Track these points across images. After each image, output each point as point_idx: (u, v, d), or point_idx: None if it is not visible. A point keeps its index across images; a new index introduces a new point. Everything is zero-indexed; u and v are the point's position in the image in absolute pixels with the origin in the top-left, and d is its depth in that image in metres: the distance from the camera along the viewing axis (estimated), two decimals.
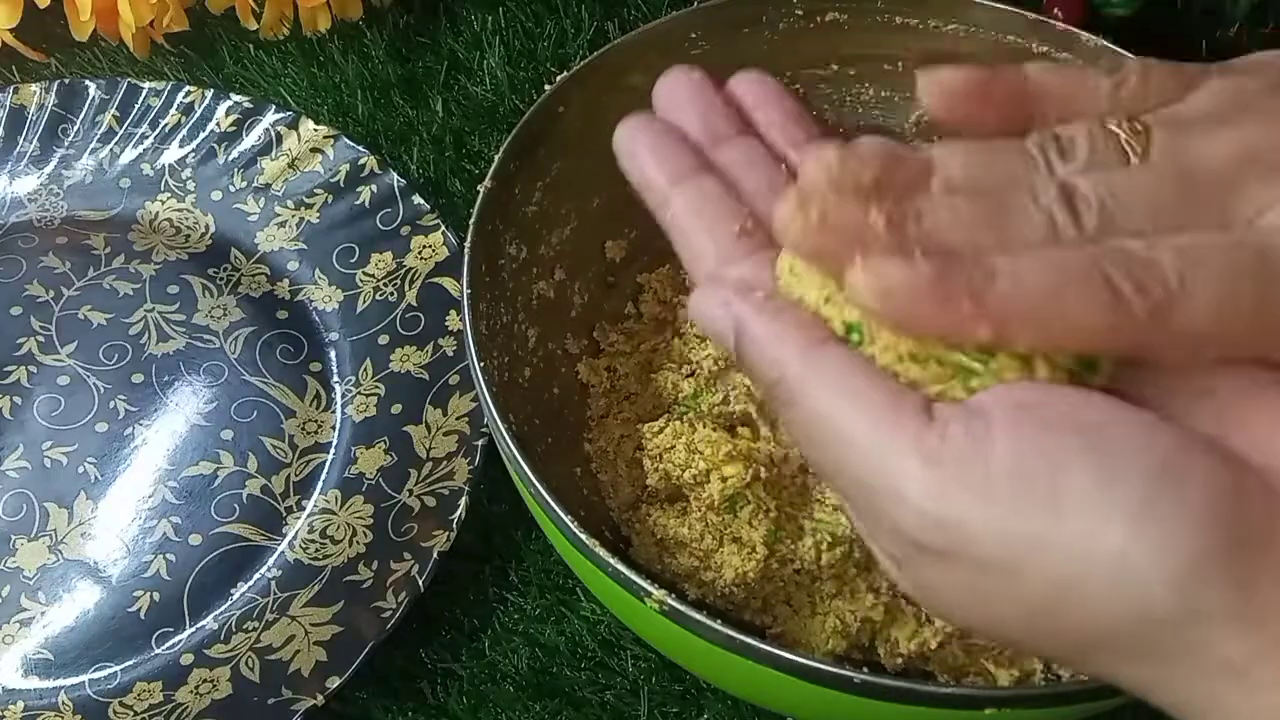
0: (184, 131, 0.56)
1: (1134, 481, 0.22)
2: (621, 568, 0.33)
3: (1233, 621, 0.22)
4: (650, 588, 0.33)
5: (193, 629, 0.44)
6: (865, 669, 0.34)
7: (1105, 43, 0.45)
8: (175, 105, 0.56)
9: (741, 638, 0.32)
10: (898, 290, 0.23)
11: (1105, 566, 0.22)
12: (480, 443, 0.46)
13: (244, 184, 0.55)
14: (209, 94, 0.56)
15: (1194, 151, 0.25)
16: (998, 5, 0.46)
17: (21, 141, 0.56)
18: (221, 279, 0.52)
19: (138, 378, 0.49)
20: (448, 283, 0.51)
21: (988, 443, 0.23)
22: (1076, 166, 0.25)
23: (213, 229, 0.54)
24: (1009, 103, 0.26)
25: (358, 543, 0.45)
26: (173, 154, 0.56)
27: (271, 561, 0.45)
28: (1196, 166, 0.25)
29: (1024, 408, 0.23)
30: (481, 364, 0.38)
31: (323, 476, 0.47)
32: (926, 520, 0.23)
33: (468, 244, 0.40)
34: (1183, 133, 0.25)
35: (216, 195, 0.55)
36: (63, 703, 0.42)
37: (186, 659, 0.43)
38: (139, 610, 0.44)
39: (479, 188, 0.41)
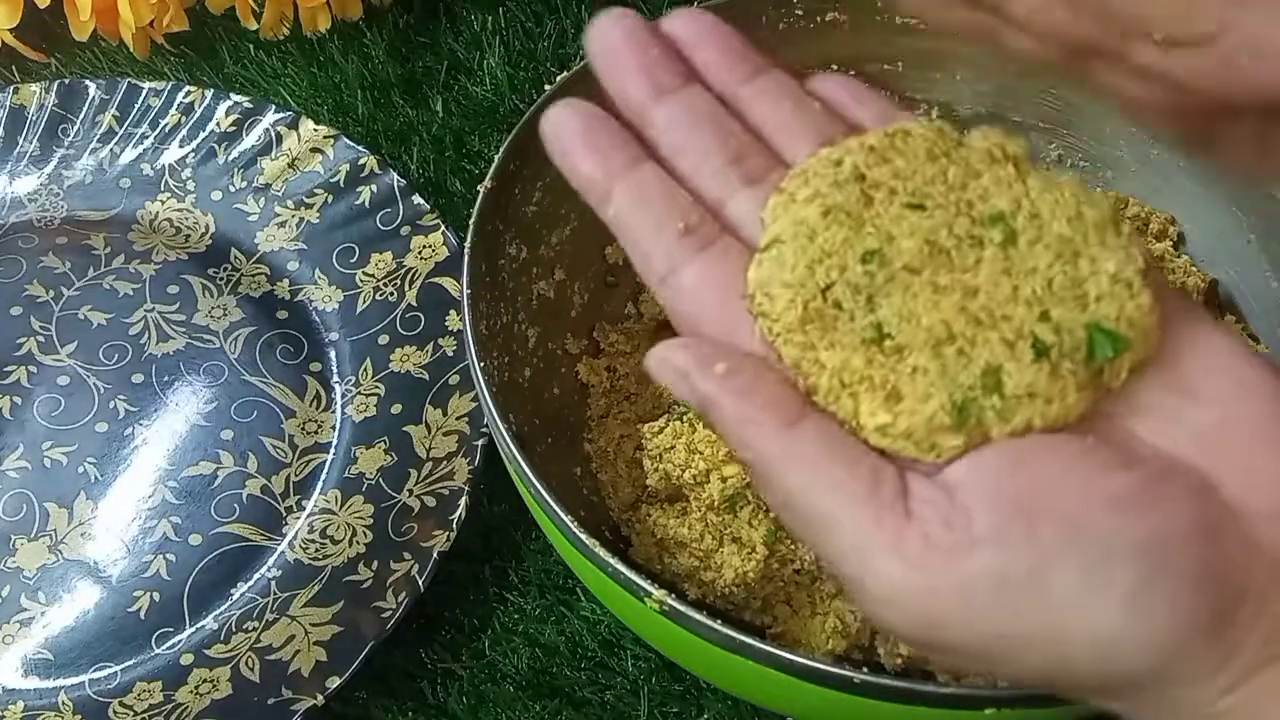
0: (184, 131, 0.56)
1: (1121, 573, 0.22)
2: (621, 568, 0.33)
3: (1205, 675, 0.22)
4: (650, 588, 0.33)
5: (193, 629, 0.44)
6: (865, 669, 0.34)
7: None
8: (175, 105, 0.56)
9: (741, 638, 0.32)
10: None
11: (1093, 652, 0.22)
12: (480, 443, 0.46)
13: (244, 184, 0.55)
14: (209, 94, 0.56)
15: None
16: None
17: (21, 141, 0.56)
18: (221, 279, 0.52)
19: (138, 378, 0.49)
20: (448, 283, 0.51)
21: (971, 545, 0.22)
22: None
23: (213, 229, 0.54)
24: None
25: (358, 543, 0.45)
26: (173, 154, 0.56)
27: (271, 561, 0.45)
28: None
29: (1003, 496, 0.23)
30: (481, 364, 0.38)
31: (323, 476, 0.47)
32: (909, 620, 0.23)
33: (468, 244, 0.40)
34: None
35: (216, 195, 0.55)
36: (63, 703, 0.42)
37: (186, 659, 0.43)
38: (139, 610, 0.44)
39: (479, 188, 0.41)
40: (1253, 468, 0.23)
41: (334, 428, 0.48)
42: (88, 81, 0.57)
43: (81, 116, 0.56)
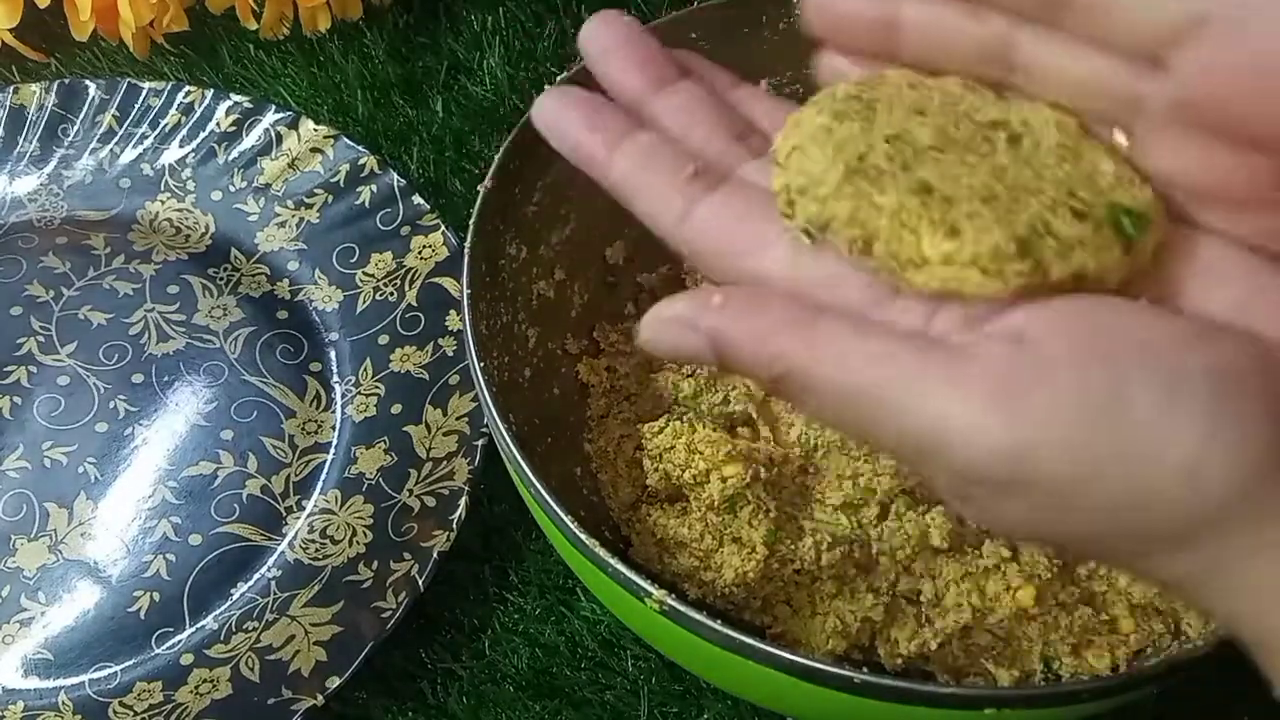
0: (184, 131, 0.56)
1: (1198, 391, 0.22)
2: (621, 568, 0.33)
3: None
4: (650, 588, 0.33)
5: (193, 629, 0.44)
6: (865, 669, 0.34)
7: None
8: (175, 105, 0.56)
9: (741, 638, 0.32)
10: None
11: (1175, 475, 0.22)
12: (480, 443, 0.46)
13: (244, 184, 0.55)
14: (209, 94, 0.56)
15: None
16: None
17: (21, 141, 0.56)
18: (221, 279, 0.52)
19: (138, 378, 0.49)
20: (448, 283, 0.51)
21: (1048, 368, 0.22)
22: None
23: (213, 229, 0.54)
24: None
25: (358, 543, 0.45)
26: (173, 154, 0.56)
27: (271, 561, 0.45)
28: None
29: (1070, 327, 0.23)
30: (481, 364, 0.38)
31: (323, 476, 0.47)
32: (998, 456, 0.23)
33: (468, 244, 0.40)
34: None
35: (216, 195, 0.55)
36: (63, 703, 0.42)
37: (186, 659, 0.43)
38: (139, 610, 0.44)
39: (479, 188, 0.41)
40: None
41: (334, 428, 0.48)
42: (88, 81, 0.57)
43: (81, 116, 0.56)
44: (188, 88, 0.56)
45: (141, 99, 0.56)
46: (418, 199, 0.53)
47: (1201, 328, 0.23)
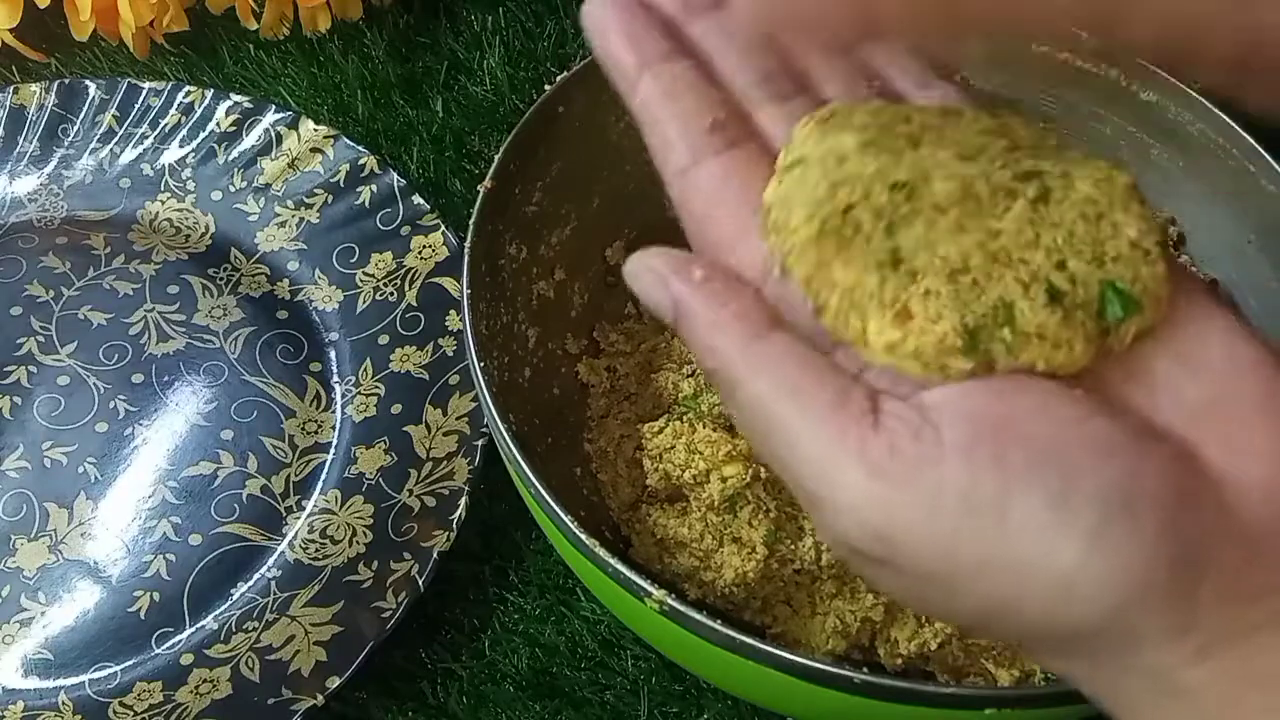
0: (184, 131, 0.56)
1: (1087, 507, 0.22)
2: (621, 568, 0.33)
3: (1165, 638, 0.22)
4: (650, 588, 0.33)
5: (193, 629, 0.44)
6: (865, 669, 0.34)
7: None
8: (175, 105, 0.56)
9: (741, 638, 0.32)
10: None
11: (1048, 589, 0.22)
12: (480, 443, 0.46)
13: (244, 184, 0.55)
14: (209, 94, 0.56)
15: None
16: None
17: (21, 141, 0.56)
18: (221, 279, 0.52)
19: (138, 378, 0.49)
20: (448, 283, 0.51)
21: (938, 458, 0.22)
22: None
23: (213, 229, 0.54)
24: None
25: (358, 543, 0.45)
26: (173, 154, 0.56)
27: (271, 561, 0.45)
28: None
29: (977, 418, 0.23)
30: (481, 364, 0.38)
31: (323, 476, 0.47)
32: (866, 532, 0.23)
33: (468, 244, 0.40)
34: None
35: (216, 195, 0.55)
36: (63, 703, 0.42)
37: (186, 659, 0.43)
38: (139, 610, 0.44)
39: (479, 188, 0.41)
40: (1242, 442, 0.23)
41: (334, 428, 0.48)
42: (88, 81, 0.57)
43: (81, 116, 0.56)
44: (188, 88, 0.56)
45: (141, 99, 0.56)
46: (418, 199, 0.53)
47: (1123, 437, 0.22)
